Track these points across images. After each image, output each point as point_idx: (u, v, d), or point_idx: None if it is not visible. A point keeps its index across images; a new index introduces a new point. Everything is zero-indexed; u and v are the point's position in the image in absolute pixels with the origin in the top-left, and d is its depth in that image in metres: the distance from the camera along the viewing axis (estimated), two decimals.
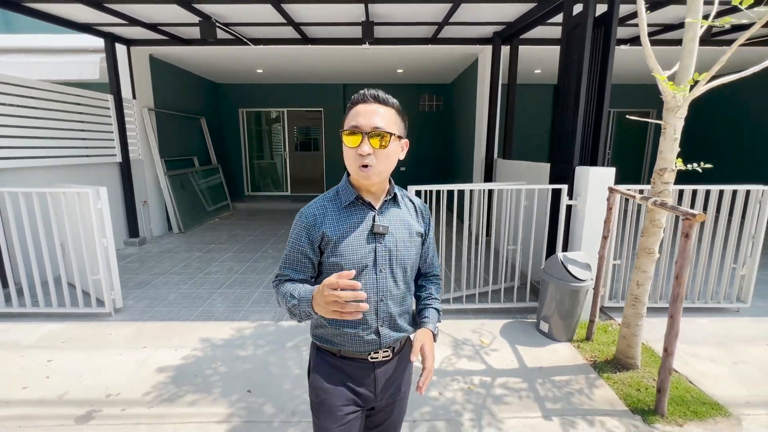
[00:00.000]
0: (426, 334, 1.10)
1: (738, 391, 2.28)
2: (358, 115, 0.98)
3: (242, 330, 2.98)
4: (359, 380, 1.09)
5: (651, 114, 8.93)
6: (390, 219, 1.08)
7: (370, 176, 1.00)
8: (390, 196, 1.09)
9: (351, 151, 0.99)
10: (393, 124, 1.01)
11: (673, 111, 2.07)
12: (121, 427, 1.99)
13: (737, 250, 3.18)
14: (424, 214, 1.19)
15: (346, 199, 1.06)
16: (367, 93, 1.01)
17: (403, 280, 1.09)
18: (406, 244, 1.09)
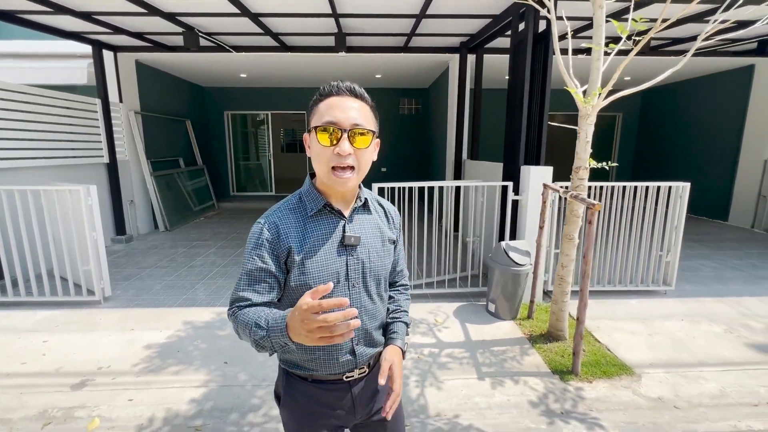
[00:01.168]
0: (394, 351, 1.00)
1: (646, 356, 2.69)
2: (332, 109, 0.86)
3: (222, 314, 3.29)
4: (334, 403, 1.00)
5: (617, 118, 9.47)
6: (361, 227, 0.98)
7: (348, 181, 0.88)
8: (360, 202, 0.99)
9: (325, 151, 0.86)
10: (371, 120, 0.91)
11: (584, 118, 2.46)
12: (112, 392, 2.30)
13: (663, 239, 3.60)
14: (395, 219, 1.09)
15: (312, 207, 0.93)
16: (341, 85, 0.89)
17: (377, 293, 1.01)
18: (379, 253, 0.99)
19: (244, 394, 2.29)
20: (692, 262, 4.68)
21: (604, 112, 9.34)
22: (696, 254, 4.99)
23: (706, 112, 7.39)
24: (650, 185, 3.48)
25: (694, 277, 4.15)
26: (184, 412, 2.14)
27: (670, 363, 2.61)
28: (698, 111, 7.59)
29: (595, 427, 2.02)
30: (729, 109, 6.85)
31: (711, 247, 5.34)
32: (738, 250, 5.14)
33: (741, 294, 3.69)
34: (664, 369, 2.54)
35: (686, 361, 2.62)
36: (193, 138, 7.91)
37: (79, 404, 2.19)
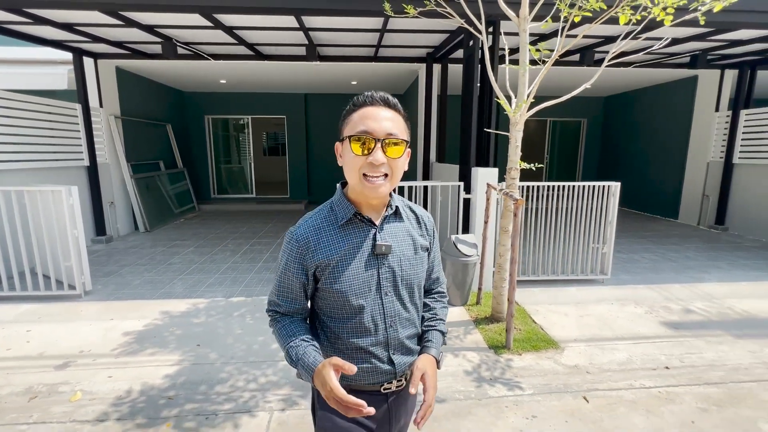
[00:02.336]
0: (428, 360, 0.96)
1: (572, 333, 3.07)
2: (366, 119, 0.87)
3: (197, 305, 3.56)
4: (372, 417, 0.98)
5: (582, 123, 10.03)
6: (393, 235, 0.98)
7: (380, 188, 0.89)
8: (392, 210, 0.99)
9: (357, 160, 0.87)
10: (404, 130, 0.92)
11: (514, 126, 2.83)
12: (92, 371, 2.55)
13: (601, 231, 4.02)
14: (428, 225, 1.08)
15: (342, 216, 0.94)
16: (375, 95, 0.90)
17: (411, 301, 1.00)
18: (412, 261, 0.99)
19: (214, 370, 2.57)
20: (636, 254, 5.14)
21: (569, 118, 9.90)
22: (641, 248, 5.46)
23: (659, 117, 7.96)
24: (586, 184, 3.89)
25: (633, 268, 4.59)
26: (159, 385, 2.41)
27: (591, 338, 2.99)
28: (652, 117, 8.16)
29: (515, 388, 2.38)
30: (678, 115, 7.43)
31: (656, 242, 5.83)
32: (678, 245, 5.63)
33: (669, 282, 4.13)
34: (586, 343, 2.92)
35: (606, 336, 3.01)
36: (173, 141, 8.10)
37: (62, 381, 2.44)
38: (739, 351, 2.80)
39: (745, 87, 6.16)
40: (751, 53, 5.52)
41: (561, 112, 9.66)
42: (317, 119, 9.54)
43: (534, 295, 3.78)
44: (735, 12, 3.50)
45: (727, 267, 4.61)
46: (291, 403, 2.23)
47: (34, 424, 2.07)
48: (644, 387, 2.39)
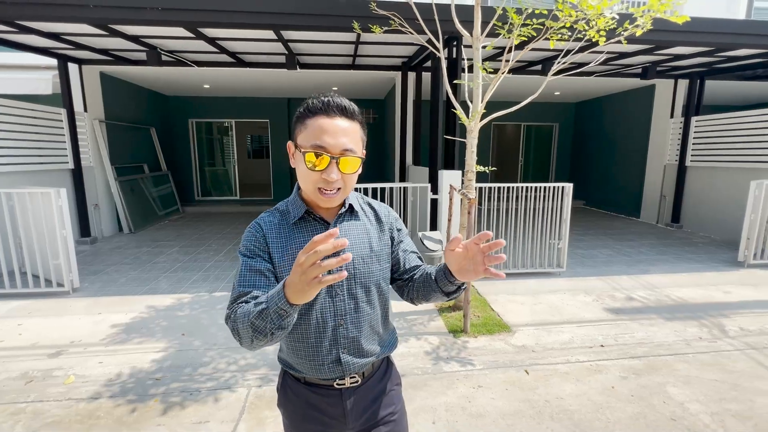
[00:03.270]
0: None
1: (525, 319, 3.42)
2: (322, 133, 0.85)
3: (182, 299, 3.79)
4: (325, 409, 1.00)
5: (554, 128, 10.53)
6: (347, 233, 0.97)
7: (334, 200, 0.90)
8: (345, 209, 0.98)
9: (312, 174, 0.87)
10: (359, 141, 0.91)
11: (470, 133, 3.17)
12: (84, 358, 2.77)
13: (557, 228, 4.40)
14: (390, 218, 1.06)
15: (294, 215, 0.95)
16: (332, 103, 0.87)
17: (367, 301, 0.98)
18: (367, 260, 0.97)
19: (197, 355, 2.82)
20: (594, 250, 5.56)
21: (542, 123, 10.39)
22: (600, 244, 5.90)
23: (623, 123, 8.49)
24: (544, 185, 4.27)
25: (589, 262, 5.00)
26: (147, 368, 2.65)
27: (541, 323, 3.35)
28: (617, 122, 8.69)
29: (467, 365, 2.70)
30: (638, 121, 7.95)
31: (615, 239, 6.28)
32: (635, 241, 6.09)
33: (619, 274, 4.54)
34: (535, 327, 3.28)
35: (554, 321, 3.37)
36: (157, 145, 8.24)
37: (55, 367, 2.66)
38: (666, 331, 3.19)
39: (695, 96, 6.68)
40: (699, 65, 6.02)
41: (534, 117, 10.17)
42: None
43: (495, 286, 4.13)
44: (671, 32, 3.93)
45: (673, 260, 5.06)
46: (267, 381, 2.51)
47: (32, 402, 2.29)
48: (579, 361, 2.75)
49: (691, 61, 5.68)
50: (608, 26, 2.74)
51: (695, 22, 4.06)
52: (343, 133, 0.87)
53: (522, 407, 2.26)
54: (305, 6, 3.45)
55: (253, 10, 3.47)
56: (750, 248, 4.72)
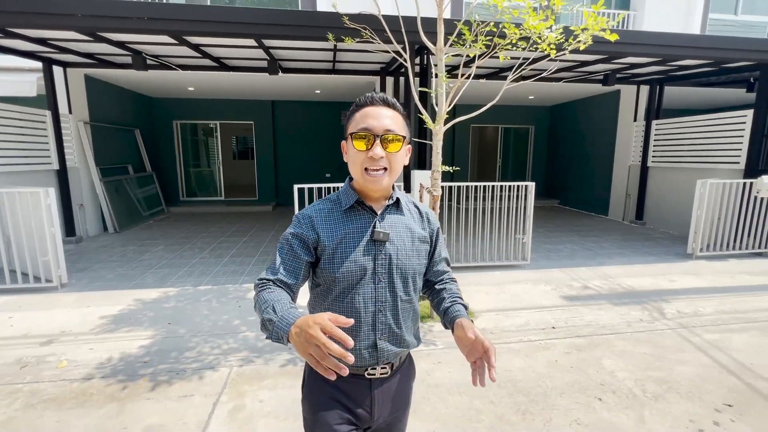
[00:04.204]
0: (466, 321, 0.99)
1: (488, 306, 3.74)
2: (367, 117, 0.96)
3: (168, 293, 3.99)
4: (355, 399, 1.04)
5: (530, 130, 10.98)
6: (392, 225, 1.04)
7: (381, 180, 0.97)
8: (392, 201, 1.06)
9: (360, 155, 0.96)
10: (403, 127, 1.00)
11: (436, 136, 3.47)
12: (75, 345, 2.97)
13: (522, 224, 4.75)
14: (430, 220, 1.14)
15: (345, 203, 1.03)
16: (375, 96, 0.99)
17: (404, 291, 1.04)
18: (408, 252, 1.04)
19: (183, 341, 3.05)
20: (560, 245, 5.95)
21: (518, 125, 10.82)
22: (567, 240, 6.29)
23: (593, 126, 8.95)
24: (509, 184, 4.61)
25: (554, 256, 5.37)
26: (135, 353, 2.86)
27: (502, 309, 3.67)
28: (587, 125, 9.16)
29: (430, 345, 3.00)
30: (606, 124, 8.42)
31: (581, 235, 6.68)
32: (599, 237, 6.50)
33: (579, 266, 4.91)
34: (496, 312, 3.59)
35: (513, 308, 3.70)
36: (141, 146, 8.35)
37: (48, 354, 2.85)
38: (612, 314, 3.55)
39: (655, 100, 7.15)
40: (656, 73, 6.47)
41: (511, 120, 10.59)
42: (284, 125, 9.99)
43: (465, 278, 4.45)
44: (621, 44, 4.31)
45: (630, 254, 5.47)
46: (248, 362, 2.75)
47: (29, 383, 2.49)
48: (530, 341, 3.07)
49: (647, 70, 6.12)
50: (557, 40, 3.08)
51: (643, 35, 4.47)
52: (385, 116, 0.97)
53: None
54: (284, 18, 3.71)
55: (236, 21, 3.71)
56: (697, 241, 5.15)
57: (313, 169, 10.07)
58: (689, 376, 2.56)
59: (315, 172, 9.96)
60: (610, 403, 2.29)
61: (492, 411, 2.24)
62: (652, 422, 2.13)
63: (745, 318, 3.46)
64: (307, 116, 9.94)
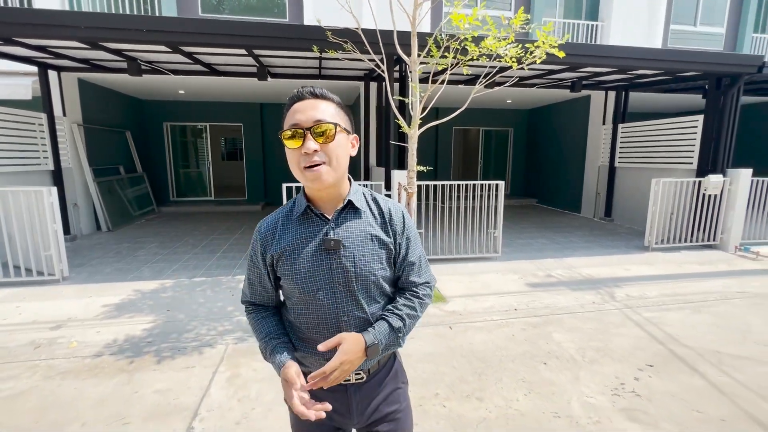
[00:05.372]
0: (355, 337, 0.93)
1: (459, 292, 4.14)
2: (295, 113, 0.91)
3: (165, 284, 4.29)
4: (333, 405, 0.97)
5: (509, 132, 11.48)
6: (348, 230, 0.97)
7: (321, 176, 0.91)
8: (344, 203, 0.99)
9: (294, 153, 0.91)
10: (335, 115, 0.93)
11: (411, 139, 3.86)
12: (83, 329, 3.26)
13: (494, 219, 5.17)
14: (394, 219, 1.03)
15: (296, 211, 0.99)
16: (303, 90, 0.94)
17: (368, 300, 0.98)
18: (367, 258, 0.97)
19: (182, 325, 3.36)
20: (532, 240, 6.40)
21: (498, 127, 11.32)
22: (539, 235, 6.75)
23: (567, 128, 9.48)
24: (479, 183, 5.03)
25: (525, 249, 5.81)
26: (139, 335, 3.18)
27: (472, 295, 4.08)
28: (562, 128, 9.69)
29: None
30: (579, 127, 8.94)
31: (553, 231, 7.16)
32: (569, 233, 6.99)
33: (546, 258, 5.36)
34: (466, 298, 4.00)
35: (482, 293, 4.11)
36: (132, 147, 8.56)
37: (59, 336, 3.14)
38: (569, 298, 3.99)
39: (621, 105, 7.69)
40: (620, 80, 6.99)
41: (491, 123, 11.08)
42: (273, 127, 10.29)
43: (440, 269, 4.84)
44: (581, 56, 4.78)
45: (594, 247, 5.95)
46: (242, 340, 3.09)
47: (45, 360, 2.79)
48: (493, 320, 3.48)
49: (610, 77, 6.63)
50: (518, 54, 3.50)
51: (599, 47, 4.94)
52: (313, 108, 0.91)
53: (441, 349, 2.95)
54: (272, 31, 4.05)
55: (228, 33, 4.04)
56: (653, 235, 5.65)
57: None
58: (623, 345, 2.99)
59: None
60: (553, 366, 2.71)
61: (454, 374, 2.63)
62: (585, 379, 2.55)
63: (683, 300, 3.93)
64: None
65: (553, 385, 2.49)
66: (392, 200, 1.10)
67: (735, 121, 5.68)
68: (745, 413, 2.19)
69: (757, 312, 3.60)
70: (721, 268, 4.93)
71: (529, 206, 10.39)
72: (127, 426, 2.12)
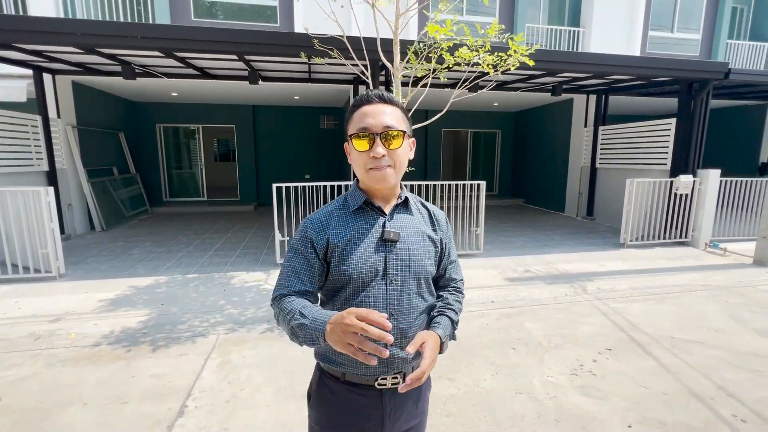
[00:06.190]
0: (432, 335, 0.96)
1: None
2: (365, 117, 0.95)
3: (159, 280, 4.46)
4: (365, 413, 1.00)
5: (497, 134, 11.77)
6: (401, 225, 1.02)
7: (387, 178, 0.96)
8: (401, 200, 1.04)
9: (362, 155, 0.95)
10: (402, 121, 0.98)
11: None
12: (80, 322, 3.43)
13: (476, 217, 5.41)
14: (440, 221, 1.12)
15: (353, 204, 1.01)
16: (371, 93, 0.98)
17: (417, 293, 1.01)
18: (420, 252, 1.02)
19: (176, 317, 3.55)
20: (515, 238, 6.66)
21: (486, 129, 11.60)
22: (521, 233, 7.01)
23: (552, 130, 9.78)
24: (463, 183, 5.27)
25: (507, 246, 6.06)
26: (135, 327, 3.35)
27: None
28: (547, 130, 9.98)
29: None
30: (563, 129, 9.24)
31: (536, 229, 7.43)
32: (551, 231, 7.26)
33: (526, 254, 5.61)
34: None
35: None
36: (126, 148, 8.68)
37: (57, 328, 3.31)
38: (544, 291, 4.23)
39: (601, 108, 7.99)
40: (599, 84, 7.28)
41: (479, 125, 11.36)
42: (265, 128, 10.46)
43: None
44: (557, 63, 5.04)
45: (574, 244, 6.22)
46: (233, 331, 3.28)
47: (46, 349, 2.96)
48: (470, 311, 3.70)
49: (589, 82, 6.92)
50: (494, 62, 3.74)
51: (573, 54, 5.20)
52: (383, 113, 0.95)
53: None
54: (262, 38, 4.25)
55: (220, 40, 4.23)
56: (628, 232, 5.94)
57: (293, 170, 10.57)
58: (587, 333, 3.23)
59: (295, 173, 10.46)
60: (521, 351, 2.94)
61: None
62: (549, 362, 2.78)
63: (650, 292, 4.19)
64: (287, 120, 10.45)
65: (519, 367, 2.72)
66: (434, 205, 1.18)
67: (704, 124, 5.99)
68: (687, 388, 2.43)
69: (715, 302, 3.87)
70: (689, 263, 5.22)
71: (516, 206, 10.68)
72: (126, 405, 2.30)
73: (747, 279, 4.60)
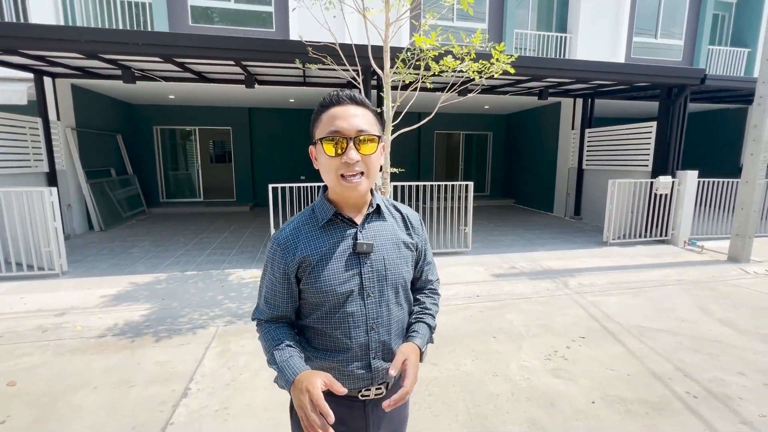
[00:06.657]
0: (412, 348, 0.95)
1: None
2: (336, 119, 0.88)
3: (159, 277, 4.64)
4: (348, 423, 0.98)
5: (489, 136, 12.03)
6: (375, 234, 0.98)
7: (359, 186, 0.91)
8: (372, 209, 0.99)
9: (332, 161, 0.89)
10: (375, 126, 0.93)
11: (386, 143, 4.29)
12: (85, 315, 3.60)
13: (464, 217, 5.63)
14: (414, 224, 1.08)
15: (322, 217, 0.96)
16: (341, 94, 0.92)
17: (396, 303, 0.99)
18: (396, 261, 0.99)
19: (176, 311, 3.73)
20: (503, 237, 6.89)
21: (478, 131, 11.86)
22: (511, 233, 7.25)
23: (541, 132, 10.05)
24: (452, 183, 5.49)
25: (495, 245, 6.29)
26: (137, 320, 3.53)
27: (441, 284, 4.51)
28: (537, 132, 10.25)
29: None
30: (551, 131, 9.51)
31: (525, 228, 7.67)
32: (539, 230, 7.50)
33: (513, 252, 5.84)
34: None
35: (450, 282, 4.55)
36: (123, 150, 8.83)
37: (63, 321, 3.48)
38: (527, 286, 4.45)
39: (587, 111, 8.26)
40: (586, 88, 7.55)
41: (471, 127, 11.61)
42: (261, 130, 10.64)
43: None
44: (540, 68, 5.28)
45: (559, 242, 6.46)
46: (231, 323, 3.47)
47: (54, 340, 3.14)
48: (455, 305, 3.92)
49: (574, 86, 7.18)
50: (479, 68, 3.96)
51: (553, 61, 5.45)
52: (355, 116, 0.90)
53: None
54: (258, 45, 4.45)
55: (218, 47, 4.42)
56: (610, 231, 6.19)
57: (289, 171, 10.74)
58: (564, 323, 3.46)
59: (291, 174, 10.64)
60: (501, 339, 3.16)
61: None
62: (526, 348, 3.00)
63: (626, 286, 4.43)
64: (283, 122, 10.63)
65: (498, 353, 2.94)
66: (407, 206, 1.13)
67: (683, 127, 6.27)
68: (649, 370, 2.66)
69: (685, 295, 4.12)
70: (667, 260, 5.48)
71: (506, 206, 10.93)
72: (133, 388, 2.49)
73: (719, 274, 4.86)
